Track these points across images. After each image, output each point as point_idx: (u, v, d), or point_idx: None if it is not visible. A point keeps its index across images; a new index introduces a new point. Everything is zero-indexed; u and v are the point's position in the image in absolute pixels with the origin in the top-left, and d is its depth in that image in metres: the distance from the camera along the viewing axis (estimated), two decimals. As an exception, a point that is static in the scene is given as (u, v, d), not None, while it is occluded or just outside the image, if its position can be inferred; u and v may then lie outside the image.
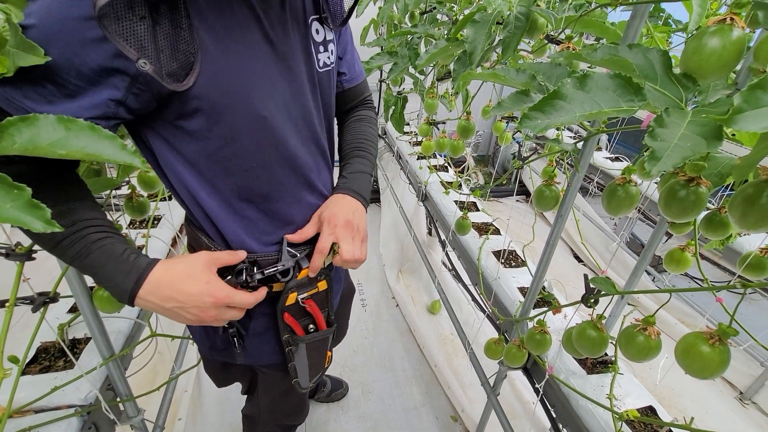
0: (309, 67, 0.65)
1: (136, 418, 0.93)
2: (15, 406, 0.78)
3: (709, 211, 0.79)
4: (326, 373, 1.65)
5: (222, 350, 0.75)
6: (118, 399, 0.88)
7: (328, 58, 0.69)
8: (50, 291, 0.58)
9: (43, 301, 0.56)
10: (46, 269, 0.97)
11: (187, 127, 0.55)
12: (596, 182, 2.45)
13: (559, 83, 0.49)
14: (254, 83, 0.56)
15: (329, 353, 0.83)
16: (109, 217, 0.57)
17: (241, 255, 0.64)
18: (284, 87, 0.61)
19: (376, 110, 0.91)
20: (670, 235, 2.08)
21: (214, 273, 0.59)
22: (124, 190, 0.95)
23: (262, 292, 0.65)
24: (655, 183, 1.55)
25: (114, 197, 0.99)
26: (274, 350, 0.77)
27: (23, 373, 0.86)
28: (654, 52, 0.50)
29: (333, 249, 0.69)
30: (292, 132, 0.64)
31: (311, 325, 0.74)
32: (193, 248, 0.71)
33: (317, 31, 0.66)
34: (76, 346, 0.94)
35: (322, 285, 0.73)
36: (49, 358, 0.90)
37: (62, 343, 0.75)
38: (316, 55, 0.66)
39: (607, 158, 2.43)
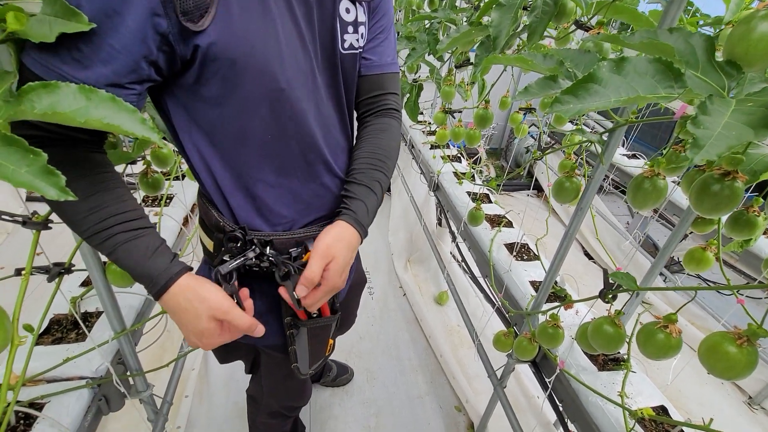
0: (332, 46, 0.64)
1: (146, 392, 0.94)
2: (28, 375, 0.79)
3: (735, 210, 0.77)
4: (332, 358, 1.67)
5: None
6: (128, 373, 0.89)
7: (357, 40, 0.66)
8: (65, 262, 0.58)
9: (58, 271, 0.56)
10: (60, 243, 0.97)
11: (205, 93, 0.54)
12: (611, 179, 2.40)
13: (595, 66, 0.47)
14: (275, 53, 0.55)
15: (331, 341, 0.81)
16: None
17: (260, 331, 0.61)
18: (306, 62, 0.60)
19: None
20: (685, 236, 2.04)
21: (215, 323, 0.57)
22: (140, 166, 0.95)
23: (249, 313, 0.62)
24: (674, 182, 1.51)
25: (129, 175, 0.99)
26: (275, 332, 0.76)
27: (36, 343, 0.87)
28: (696, 37, 0.48)
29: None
30: (311, 108, 0.63)
31: (314, 311, 0.73)
32: (203, 221, 0.70)
33: (347, 10, 0.63)
34: (88, 319, 0.95)
35: None
36: (62, 330, 0.92)
37: (75, 315, 0.76)
38: (342, 35, 0.64)
39: (623, 155, 2.38)
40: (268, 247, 0.65)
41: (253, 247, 0.64)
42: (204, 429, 1.42)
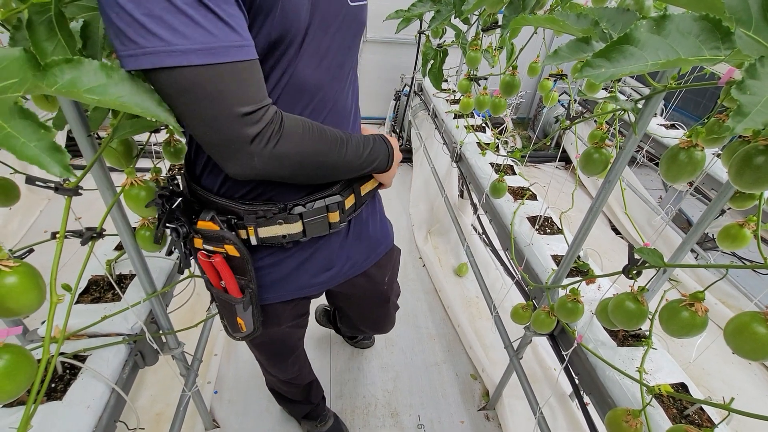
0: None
1: (177, 350, 1.00)
2: (71, 330, 0.86)
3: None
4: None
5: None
6: (161, 332, 0.95)
7: None
8: (96, 227, 0.61)
9: (90, 235, 0.59)
10: (96, 209, 1.02)
11: None
12: (646, 151, 2.28)
13: (632, 26, 0.43)
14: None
15: (240, 321, 0.76)
16: (149, 163, 0.59)
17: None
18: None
19: (415, 64, 0.93)
20: (722, 212, 1.93)
21: None
22: (163, 135, 0.96)
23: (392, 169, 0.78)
24: (715, 155, 1.41)
25: (154, 144, 1.01)
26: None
27: (77, 301, 0.94)
28: (752, -10, 0.43)
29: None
30: (332, 77, 0.63)
31: (222, 282, 0.71)
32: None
33: None
34: (122, 281, 1.01)
35: (231, 250, 0.66)
36: (99, 290, 0.98)
37: (110, 278, 0.81)
38: None
39: (661, 125, 2.24)
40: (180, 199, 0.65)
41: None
42: (232, 384, 1.52)
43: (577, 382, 0.98)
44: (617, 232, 2.59)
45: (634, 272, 0.69)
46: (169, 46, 0.41)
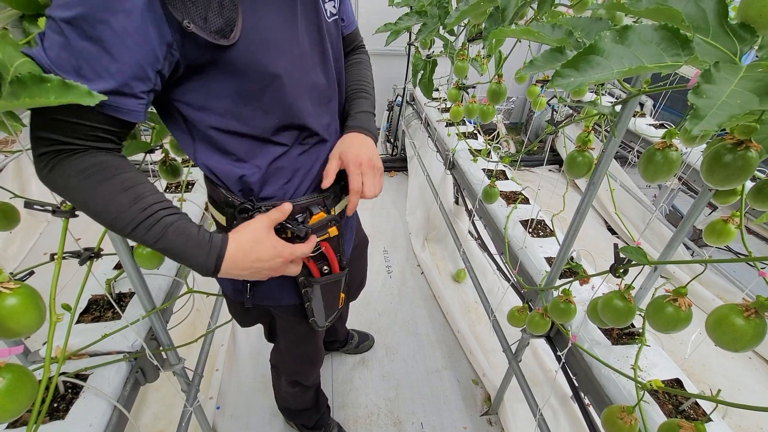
0: (319, 18, 0.66)
1: (177, 365, 1.01)
2: (72, 349, 0.87)
3: (760, 180, 0.74)
4: (353, 328, 1.73)
5: (242, 291, 0.80)
6: (161, 348, 0.96)
7: (334, 7, 0.70)
8: (94, 247, 0.63)
9: (88, 255, 0.60)
10: (96, 229, 1.04)
11: (213, 89, 0.56)
12: (637, 151, 2.31)
13: (596, 37, 0.45)
14: (277, 38, 0.58)
15: (342, 294, 0.88)
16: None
17: (287, 208, 0.67)
18: (303, 41, 0.62)
19: (406, 75, 0.94)
20: (714, 207, 1.95)
21: (273, 234, 0.65)
22: (158, 155, 0.99)
23: (312, 240, 0.71)
24: (701, 151, 1.44)
25: (151, 163, 1.03)
26: (289, 294, 0.81)
27: (78, 321, 0.95)
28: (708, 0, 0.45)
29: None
30: (309, 88, 0.66)
31: (326, 267, 0.79)
32: (213, 199, 0.74)
33: None
34: (122, 299, 1.02)
35: (333, 231, 0.76)
36: (99, 309, 0.99)
37: (109, 297, 0.82)
38: (324, 4, 0.67)
39: (650, 125, 2.28)
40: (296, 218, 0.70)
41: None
42: (234, 399, 1.52)
43: (575, 382, 0.99)
44: (614, 232, 2.61)
45: (621, 270, 0.70)
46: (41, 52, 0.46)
